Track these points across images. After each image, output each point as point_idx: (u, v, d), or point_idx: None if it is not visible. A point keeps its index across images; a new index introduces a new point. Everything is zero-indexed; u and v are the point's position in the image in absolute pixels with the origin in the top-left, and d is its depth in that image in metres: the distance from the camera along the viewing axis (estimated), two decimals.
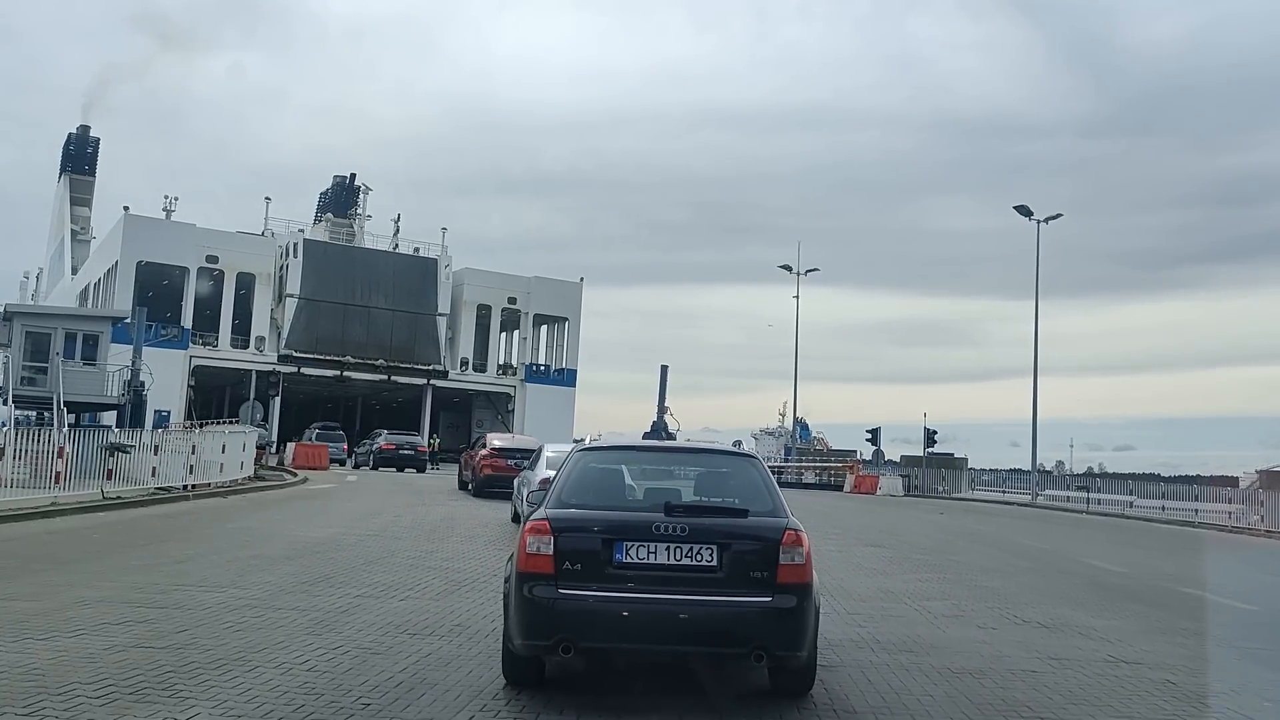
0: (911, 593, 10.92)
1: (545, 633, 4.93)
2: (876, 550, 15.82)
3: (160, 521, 14.50)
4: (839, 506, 29.79)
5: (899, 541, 17.85)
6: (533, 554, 5.01)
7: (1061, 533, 23.27)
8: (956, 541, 18.88)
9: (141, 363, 33.70)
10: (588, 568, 4.97)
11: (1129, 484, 35.61)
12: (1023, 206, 40.65)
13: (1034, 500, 39.44)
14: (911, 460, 51.85)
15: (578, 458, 5.92)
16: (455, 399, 62.76)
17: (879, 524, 23.02)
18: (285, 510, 17.29)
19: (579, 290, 63.96)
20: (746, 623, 4.95)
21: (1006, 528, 23.98)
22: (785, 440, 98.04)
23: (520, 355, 63.80)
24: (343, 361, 56.55)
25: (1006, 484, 40.88)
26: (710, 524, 5.17)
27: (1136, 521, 29.94)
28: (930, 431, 42.93)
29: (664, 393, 46.58)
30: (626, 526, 5.08)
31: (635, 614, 4.87)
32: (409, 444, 32.70)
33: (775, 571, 5.03)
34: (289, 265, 56.34)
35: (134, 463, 17.51)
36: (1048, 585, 12.31)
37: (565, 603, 4.90)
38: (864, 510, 28.72)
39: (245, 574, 9.43)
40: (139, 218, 52.83)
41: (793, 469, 59.40)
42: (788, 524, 5.25)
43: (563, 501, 5.38)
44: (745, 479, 5.73)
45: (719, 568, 5.02)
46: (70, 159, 79.70)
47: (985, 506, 36.24)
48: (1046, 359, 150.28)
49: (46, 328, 31.74)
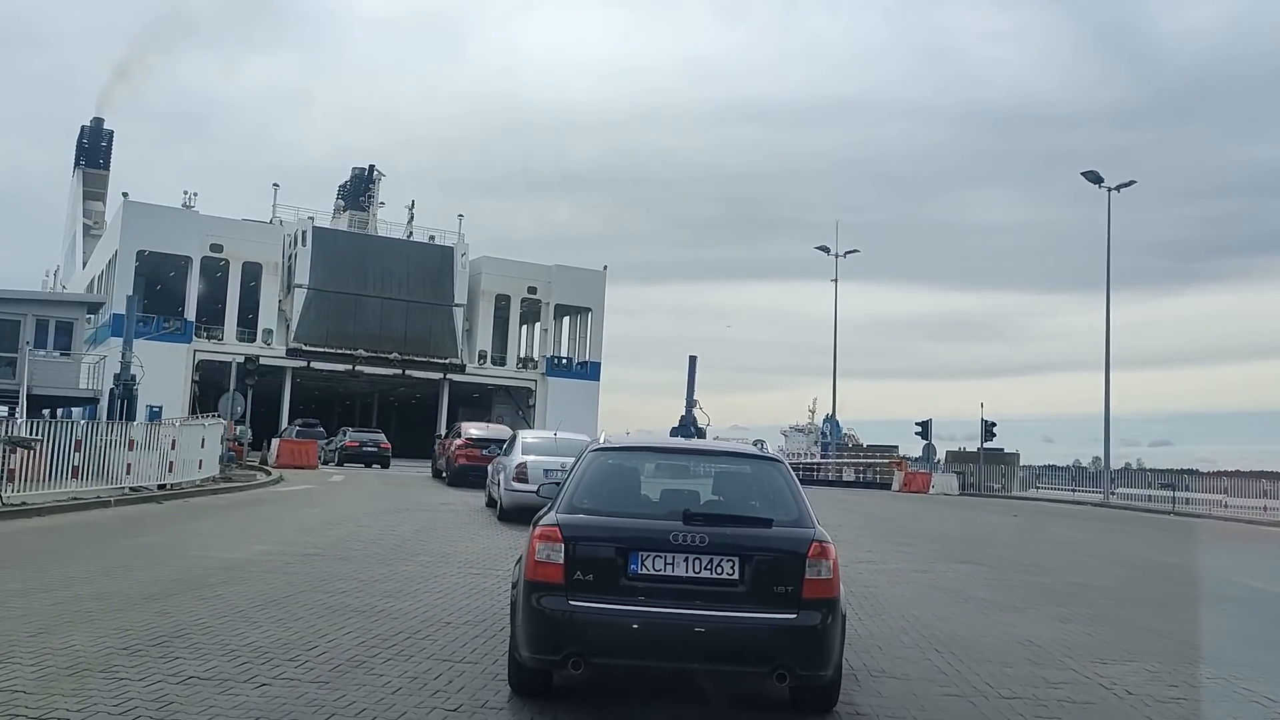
0: (1068, 647, 7.37)
1: (554, 646, 4.63)
2: (970, 569, 12.27)
3: (41, 537, 11.28)
4: (894, 508, 26.14)
5: (990, 555, 14.28)
6: (542, 562, 4.69)
7: (1176, 541, 19.47)
8: (1061, 554, 15.25)
9: (132, 354, 30.65)
10: (600, 578, 4.66)
11: (1223, 481, 31.56)
12: (1091, 172, 36.71)
13: (1107, 500, 35.54)
14: (958, 456, 48.08)
15: (592, 457, 5.45)
16: (474, 394, 59.55)
17: (951, 530, 19.40)
18: (225, 519, 14.04)
19: (602, 279, 60.49)
20: (769, 640, 4.62)
21: (1104, 534, 20.23)
22: (815, 437, 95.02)
23: (541, 347, 60.33)
24: (354, 355, 53.45)
25: (1076, 482, 36.92)
26: (732, 534, 4.81)
27: (1240, 524, 25.97)
28: (988, 424, 39.00)
29: (693, 385, 43.31)
30: (642, 535, 4.76)
31: (651, 629, 4.57)
32: (372, 441, 33.81)
33: (800, 586, 4.68)
34: (297, 254, 53.31)
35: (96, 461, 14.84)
36: (1245, 629, 8.71)
37: (576, 615, 4.58)
38: (924, 512, 25.05)
39: (47, 630, 6.11)
40: (138, 204, 50.13)
41: (831, 466, 55.80)
42: (814, 534, 4.85)
43: (574, 505, 5.01)
44: (769, 484, 5.34)
45: (740, 581, 4.69)
46: (84, 152, 77.60)
47: (1055, 507, 32.39)
48: (1079, 353, 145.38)
49: (15, 314, 28.92)
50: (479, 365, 57.04)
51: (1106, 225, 36.81)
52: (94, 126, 79.12)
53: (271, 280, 52.76)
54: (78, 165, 77.19)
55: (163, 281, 53.78)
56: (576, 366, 59.36)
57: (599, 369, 59.51)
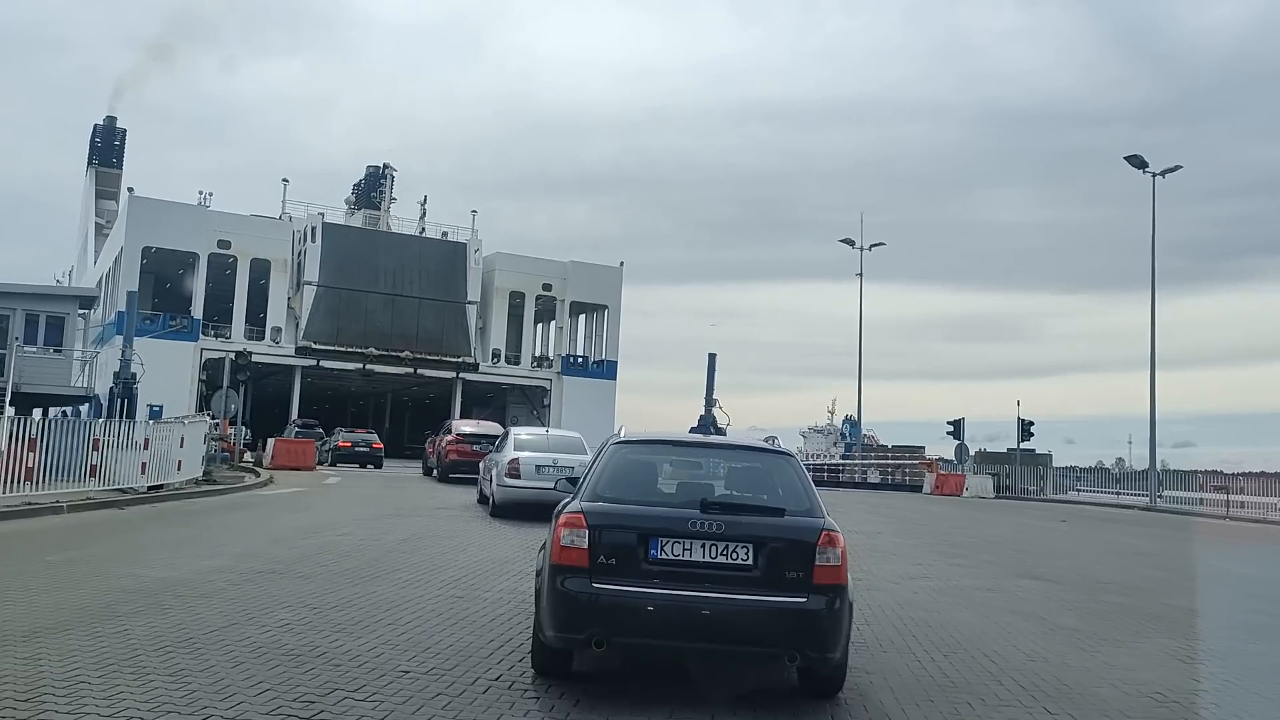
0: (1215, 704, 5.62)
1: (578, 626, 4.82)
2: (1043, 588, 10.53)
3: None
4: (932, 512, 24.31)
5: (1057, 569, 12.50)
6: (567, 547, 4.88)
7: (1257, 551, 17.58)
8: (1138, 568, 13.43)
9: (133, 352, 29.25)
10: (622, 563, 4.86)
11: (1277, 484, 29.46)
12: (1135, 157, 34.65)
13: (1154, 503, 33.47)
14: (986, 457, 46.04)
15: (613, 450, 5.59)
16: (489, 394, 57.99)
17: (1001, 537, 17.60)
18: (186, 528, 12.47)
19: (619, 275, 58.76)
20: (781, 623, 4.80)
21: (1171, 543, 18.33)
22: (834, 438, 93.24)
23: (556, 346, 58.67)
24: (365, 354, 51.99)
25: (1119, 484, 34.75)
26: (747, 522, 5.00)
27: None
28: (1025, 423, 36.92)
29: (712, 383, 41.54)
30: (662, 522, 4.96)
31: (669, 611, 4.75)
32: (364, 441, 34.04)
33: (811, 572, 4.86)
34: (307, 250, 51.95)
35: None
36: None
37: (599, 597, 4.78)
38: (965, 517, 23.21)
39: None
40: (143, 199, 48.96)
41: (855, 467, 53.84)
42: (824, 524, 5.04)
43: (597, 494, 5.19)
44: (781, 477, 5.52)
45: (754, 566, 4.88)
46: (97, 151, 76.89)
47: (1100, 511, 30.40)
48: (1100, 354, 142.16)
49: (3, 309, 27.56)
50: (493, 364, 55.49)
51: (1151, 212, 34.77)
52: (107, 125, 78.36)
53: (280, 277, 51.43)
54: (91, 164, 76.42)
55: (171, 279, 52.57)
56: (593, 365, 57.67)
57: (616, 368, 57.80)
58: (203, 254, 49.04)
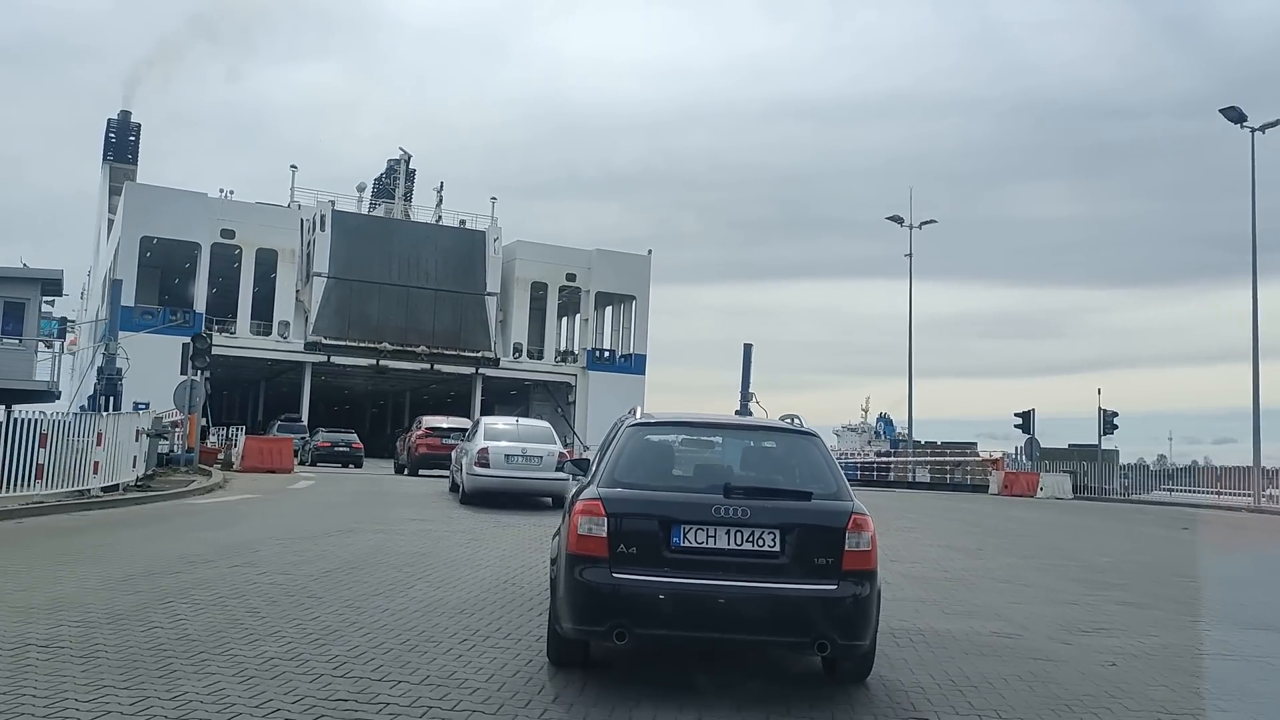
0: None
1: (598, 618, 4.64)
2: (1273, 640, 6.75)
3: None
4: (1019, 518, 20.36)
5: (1265, 605, 8.67)
6: (585, 535, 4.68)
7: None
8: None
9: (118, 346, 26.14)
10: (644, 551, 4.66)
11: None
12: (1232, 109, 30.40)
13: (1259, 504, 29.32)
14: (1045, 453, 42.09)
15: (631, 432, 5.32)
16: (511, 390, 54.60)
17: (1133, 554, 13.78)
18: (25, 555, 8.97)
19: (647, 264, 55.10)
20: (810, 611, 4.63)
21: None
22: (868, 436, 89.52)
23: (581, 340, 55.11)
24: (379, 349, 48.72)
25: (1221, 482, 30.45)
26: (773, 507, 4.78)
27: None
28: (1109, 414, 32.67)
29: (748, 375, 38.07)
30: (685, 508, 4.74)
31: (693, 600, 4.60)
32: (344, 441, 33.30)
33: (840, 558, 4.69)
34: (316, 240, 48.75)
35: None
36: None
37: (620, 588, 4.60)
38: (1059, 523, 19.28)
39: None
40: (142, 186, 46.35)
41: (907, 464, 49.76)
42: (853, 508, 4.86)
43: (615, 480, 4.95)
44: (805, 458, 5.30)
45: (781, 553, 4.69)
46: (111, 146, 74.82)
47: (1207, 514, 26.27)
48: (1136, 349, 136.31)
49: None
50: (514, 359, 52.07)
51: (1251, 171, 30.50)
52: (121, 119, 76.20)
53: (288, 269, 48.35)
54: (106, 159, 74.39)
55: (177, 273, 49.85)
56: (620, 359, 53.99)
57: (644, 361, 54.08)
58: (205, 244, 46.08)
